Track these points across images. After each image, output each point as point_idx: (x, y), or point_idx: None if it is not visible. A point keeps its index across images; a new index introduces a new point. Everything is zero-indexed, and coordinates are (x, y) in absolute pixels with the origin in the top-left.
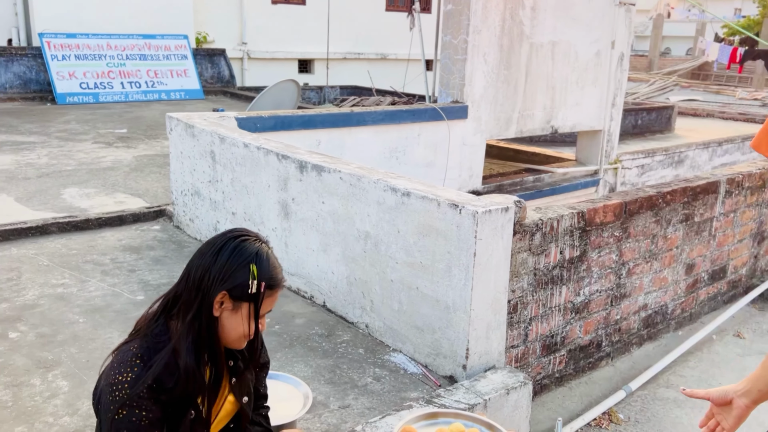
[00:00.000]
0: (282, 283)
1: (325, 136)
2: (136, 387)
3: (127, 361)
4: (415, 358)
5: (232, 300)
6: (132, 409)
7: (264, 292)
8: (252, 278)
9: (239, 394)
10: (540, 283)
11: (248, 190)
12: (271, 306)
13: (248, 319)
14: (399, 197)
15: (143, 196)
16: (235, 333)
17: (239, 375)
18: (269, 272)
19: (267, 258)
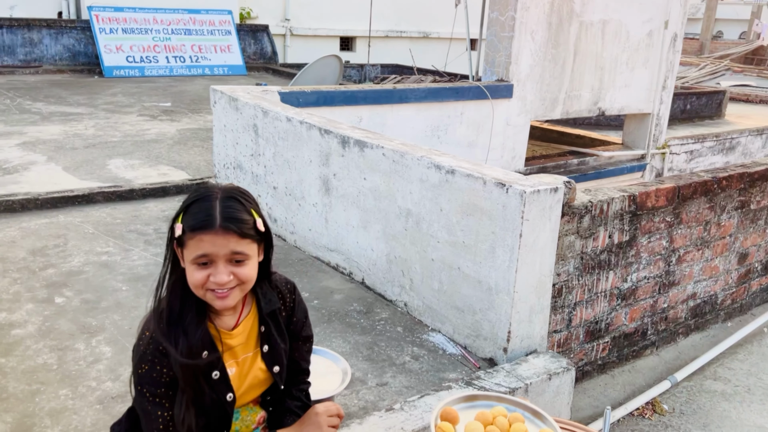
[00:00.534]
0: (208, 222)
1: (366, 113)
2: (156, 344)
3: (150, 317)
4: (454, 338)
5: (177, 247)
6: (153, 365)
7: (186, 234)
8: (176, 220)
9: (270, 363)
10: (587, 267)
11: (290, 165)
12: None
13: (189, 265)
14: (443, 175)
15: (186, 169)
16: (190, 283)
17: (272, 343)
18: (192, 214)
19: (198, 198)
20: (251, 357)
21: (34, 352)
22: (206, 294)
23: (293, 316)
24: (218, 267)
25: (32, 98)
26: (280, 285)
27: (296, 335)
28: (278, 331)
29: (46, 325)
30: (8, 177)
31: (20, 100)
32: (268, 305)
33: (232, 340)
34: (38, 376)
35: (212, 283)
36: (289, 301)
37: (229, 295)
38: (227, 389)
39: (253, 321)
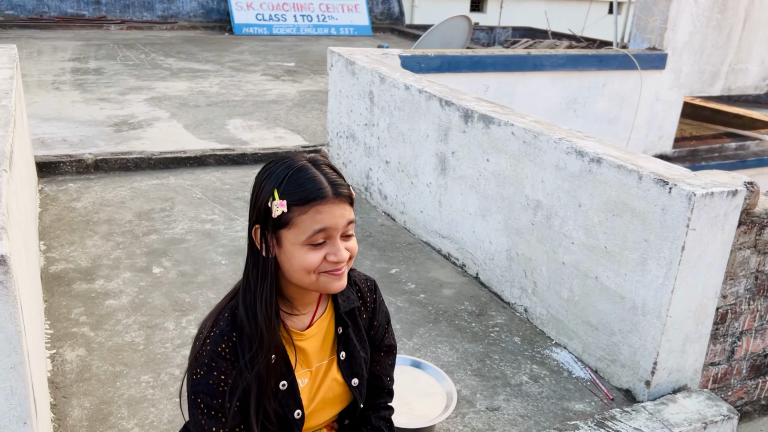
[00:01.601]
0: (322, 192)
1: (494, 81)
2: (217, 343)
3: (215, 313)
4: (582, 359)
5: (272, 234)
6: (210, 369)
7: (292, 211)
8: (271, 200)
9: (348, 373)
10: (761, 289)
11: (404, 138)
12: (323, 223)
13: (298, 248)
14: (586, 163)
15: (302, 133)
16: (295, 271)
17: (350, 349)
18: (294, 187)
19: (290, 172)
20: (326, 365)
21: (123, 328)
22: (318, 278)
23: (374, 319)
24: (336, 242)
25: (165, 54)
26: (360, 281)
27: (377, 344)
28: (358, 335)
29: (140, 297)
30: (132, 132)
31: (154, 55)
32: (346, 302)
33: (304, 342)
34: (123, 356)
35: (329, 263)
36: (369, 301)
37: (344, 272)
38: (296, 404)
39: (329, 321)
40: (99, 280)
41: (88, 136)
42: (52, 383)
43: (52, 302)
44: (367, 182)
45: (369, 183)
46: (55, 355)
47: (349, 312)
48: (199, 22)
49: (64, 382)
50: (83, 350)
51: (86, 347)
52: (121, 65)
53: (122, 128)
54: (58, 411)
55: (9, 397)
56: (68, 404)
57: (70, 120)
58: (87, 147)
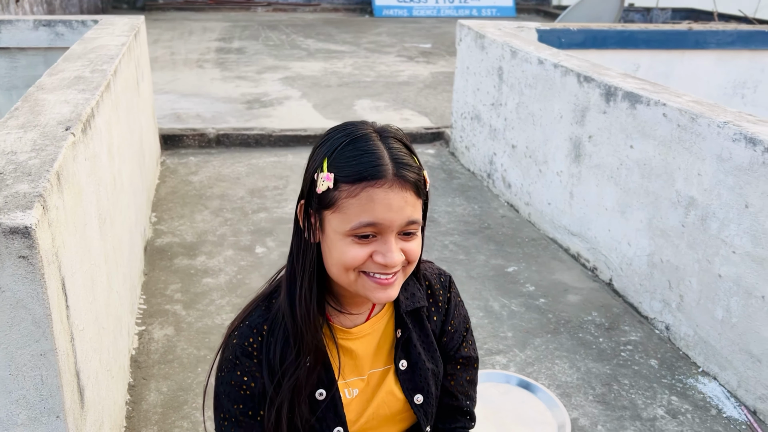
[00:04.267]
0: (380, 170)
1: (646, 60)
2: (244, 337)
3: (252, 303)
4: (737, 394)
5: (314, 213)
6: (233, 368)
7: (339, 187)
8: (319, 171)
9: (410, 387)
10: None
11: (534, 120)
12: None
13: (340, 237)
14: (759, 154)
15: (429, 115)
16: (333, 264)
17: (413, 358)
18: (346, 159)
19: (351, 137)
20: (380, 374)
21: (215, 309)
22: (358, 279)
23: (447, 323)
24: (388, 240)
25: (305, 35)
26: (431, 276)
27: (451, 353)
28: (424, 340)
29: (238, 278)
30: (263, 110)
31: (294, 36)
32: (410, 300)
33: (353, 342)
34: (209, 340)
35: (377, 264)
36: (443, 300)
37: (394, 281)
38: (336, 420)
39: (388, 321)
40: (201, 257)
41: (220, 112)
42: (135, 362)
43: (152, 276)
44: (490, 168)
45: (492, 169)
46: (143, 332)
47: (412, 312)
48: (341, 5)
49: (147, 362)
50: (172, 329)
51: (175, 326)
52: (262, 45)
53: (254, 106)
54: (135, 393)
55: (39, 386)
56: (146, 387)
57: (207, 96)
58: (218, 123)
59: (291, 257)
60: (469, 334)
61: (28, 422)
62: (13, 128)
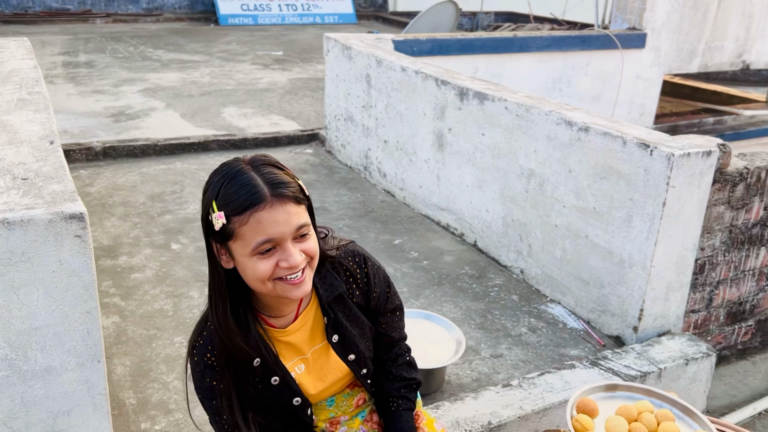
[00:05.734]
0: (256, 197)
1: (483, 63)
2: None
3: (200, 323)
4: (575, 312)
5: (222, 246)
6: (202, 377)
7: (232, 221)
8: (212, 213)
9: (343, 352)
10: (735, 242)
11: (402, 118)
12: (266, 233)
13: (247, 259)
14: (575, 132)
15: (296, 119)
16: (251, 281)
17: (341, 331)
18: (228, 195)
19: (225, 180)
20: (322, 349)
21: (151, 297)
22: (275, 286)
23: (371, 291)
24: (286, 248)
25: (153, 46)
26: (346, 262)
27: (381, 310)
28: (348, 316)
29: (163, 270)
30: (131, 123)
31: (143, 47)
32: (328, 292)
33: (289, 337)
34: (155, 322)
35: (283, 269)
36: (360, 276)
37: (304, 278)
38: (292, 394)
39: (315, 312)
40: (122, 257)
41: (88, 126)
42: None
43: None
44: (366, 162)
45: (368, 162)
46: None
47: (334, 299)
48: (184, 14)
49: (104, 344)
50: (117, 317)
51: (119, 315)
52: (111, 58)
53: (120, 119)
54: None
55: (86, 338)
56: (111, 363)
57: (68, 112)
58: (88, 137)
59: (209, 286)
60: (392, 290)
61: (77, 367)
62: (3, 144)
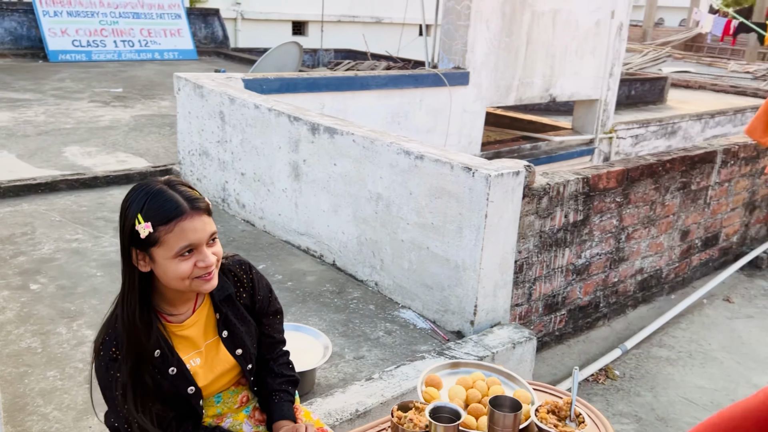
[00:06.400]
0: (177, 212)
1: (329, 99)
2: (108, 350)
3: (106, 321)
4: (423, 314)
5: (143, 252)
6: (107, 370)
7: (158, 230)
8: (137, 224)
9: (231, 347)
10: (545, 245)
11: (258, 151)
12: (188, 239)
13: (170, 261)
14: (412, 160)
15: (144, 156)
16: (171, 280)
17: (230, 328)
18: (154, 210)
19: (149, 196)
20: (213, 344)
21: (16, 337)
22: (192, 282)
23: (255, 294)
24: (202, 251)
25: None
26: (234, 268)
27: (264, 312)
28: (237, 315)
29: (25, 310)
30: None
31: None
32: (220, 292)
33: (185, 331)
34: (24, 359)
35: (200, 269)
36: (246, 281)
37: (213, 274)
38: (187, 383)
39: (209, 309)
40: None
41: None
42: None
43: None
44: (224, 194)
45: (226, 195)
46: None
47: (225, 299)
48: (7, 50)
49: None
50: None
51: None
52: None
53: None
54: None
55: None
56: None
57: None
58: None
59: (123, 286)
60: (273, 295)
61: None
62: None
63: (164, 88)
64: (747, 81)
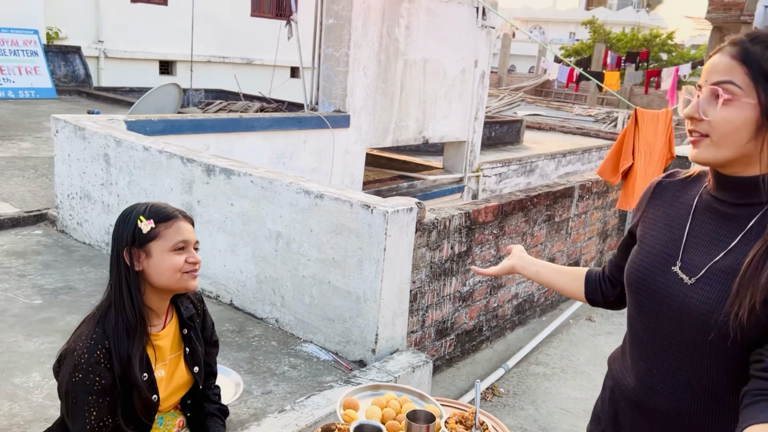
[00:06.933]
0: (174, 214)
1: (214, 141)
2: (92, 353)
3: (87, 331)
4: (326, 347)
5: (140, 249)
6: (87, 373)
7: (158, 226)
8: (140, 222)
9: (191, 363)
10: (435, 274)
11: (147, 193)
12: (183, 235)
13: (166, 253)
14: (312, 199)
15: (9, 201)
16: (164, 272)
17: (192, 345)
18: (154, 211)
19: (149, 205)
20: (176, 358)
21: None
22: (181, 277)
23: (206, 322)
24: (191, 250)
25: None
26: (191, 295)
27: (208, 341)
28: (196, 335)
29: None
30: None
31: None
32: (187, 311)
33: (160, 341)
34: None
35: (190, 264)
36: (200, 309)
37: (197, 274)
38: (153, 391)
39: (176, 325)
40: None
41: None
42: None
43: None
44: (109, 238)
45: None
46: None
47: (189, 317)
48: None
49: None
50: None
51: None
52: None
53: None
54: None
55: None
56: None
57: None
58: None
59: (116, 287)
60: (215, 328)
61: None
62: None
63: (23, 128)
64: (590, 123)
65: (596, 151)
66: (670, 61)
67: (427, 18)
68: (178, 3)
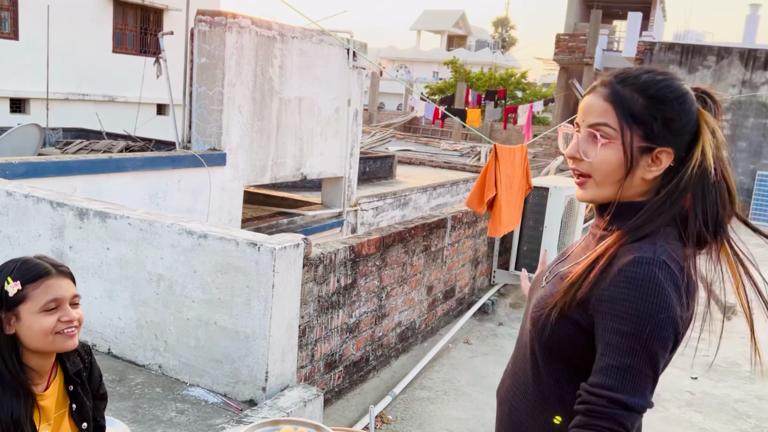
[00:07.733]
0: (45, 272)
1: (81, 183)
2: None
3: None
4: (213, 389)
5: (10, 313)
6: None
7: (26, 287)
8: (7, 284)
9: (79, 420)
10: (323, 308)
11: (11, 241)
12: (52, 294)
13: (35, 315)
14: (195, 239)
15: None
16: (34, 335)
17: (79, 401)
18: (23, 271)
19: (19, 263)
20: (60, 416)
21: None
22: (55, 339)
23: (93, 375)
24: (66, 308)
25: None
26: (79, 348)
27: (96, 394)
28: (84, 390)
29: None
30: None
31: None
32: (73, 366)
33: (45, 401)
34: None
35: (63, 323)
36: (87, 362)
37: (75, 334)
38: None
39: (60, 382)
40: None
41: None
42: None
43: None
44: None
45: None
46: None
47: (76, 373)
48: None
49: None
50: None
51: None
52: None
53: None
54: None
55: None
56: None
57: None
58: None
59: None
60: (102, 380)
61: None
62: None
63: None
64: (456, 157)
65: (463, 183)
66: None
67: (300, 58)
68: (31, 38)
